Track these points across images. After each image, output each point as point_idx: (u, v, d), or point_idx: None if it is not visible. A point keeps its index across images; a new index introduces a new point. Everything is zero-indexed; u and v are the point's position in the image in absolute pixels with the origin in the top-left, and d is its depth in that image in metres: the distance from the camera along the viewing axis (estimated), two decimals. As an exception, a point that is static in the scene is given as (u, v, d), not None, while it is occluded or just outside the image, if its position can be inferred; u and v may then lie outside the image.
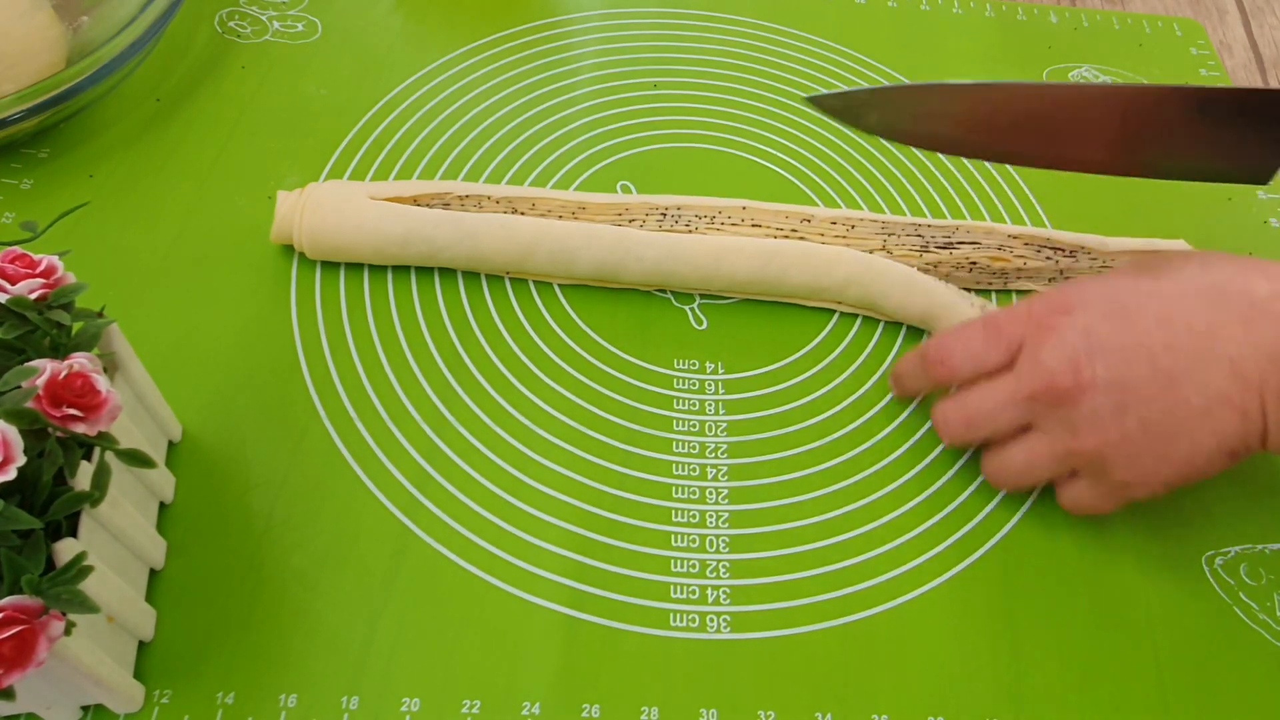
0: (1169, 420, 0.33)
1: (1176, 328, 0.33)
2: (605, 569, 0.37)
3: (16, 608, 0.25)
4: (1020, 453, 0.37)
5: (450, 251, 0.44)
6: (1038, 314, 0.35)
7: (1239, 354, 0.32)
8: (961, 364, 0.37)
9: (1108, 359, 0.34)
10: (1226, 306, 0.33)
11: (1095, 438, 0.34)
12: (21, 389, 0.27)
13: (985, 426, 0.37)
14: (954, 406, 0.38)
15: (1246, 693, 0.36)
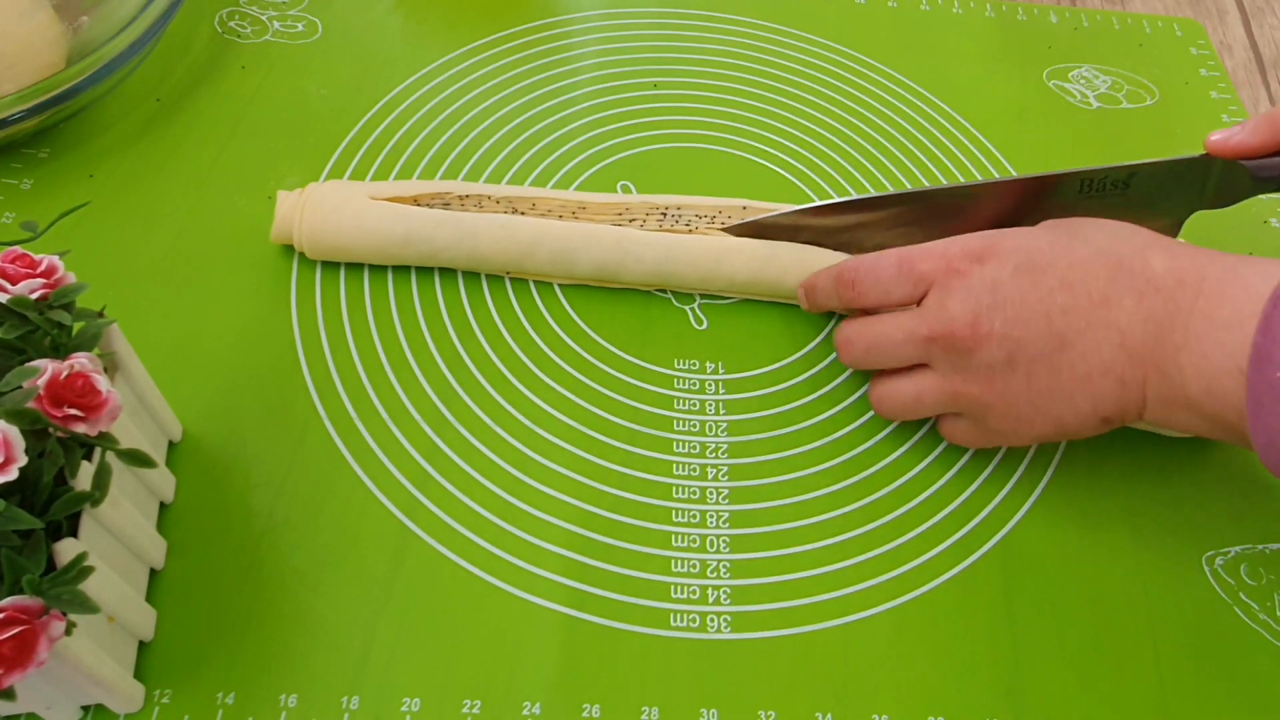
0: (1053, 380, 0.35)
1: (1077, 293, 0.34)
2: (605, 569, 0.37)
3: (17, 608, 0.25)
4: (911, 386, 0.38)
5: (450, 251, 0.44)
6: (952, 257, 0.36)
7: (1128, 326, 0.33)
8: (869, 290, 0.38)
9: (1007, 314, 0.35)
10: (1124, 278, 0.34)
11: (982, 386, 0.36)
12: (22, 389, 0.27)
13: (884, 356, 0.38)
14: (858, 331, 0.39)
15: (1246, 693, 0.36)
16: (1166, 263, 0.34)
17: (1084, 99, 0.56)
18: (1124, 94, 0.57)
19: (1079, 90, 0.57)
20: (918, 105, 0.55)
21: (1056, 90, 0.57)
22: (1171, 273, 0.34)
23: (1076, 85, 0.57)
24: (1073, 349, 0.34)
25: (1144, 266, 0.34)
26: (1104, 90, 0.57)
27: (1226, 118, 0.56)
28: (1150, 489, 0.41)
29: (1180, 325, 0.33)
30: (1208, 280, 0.33)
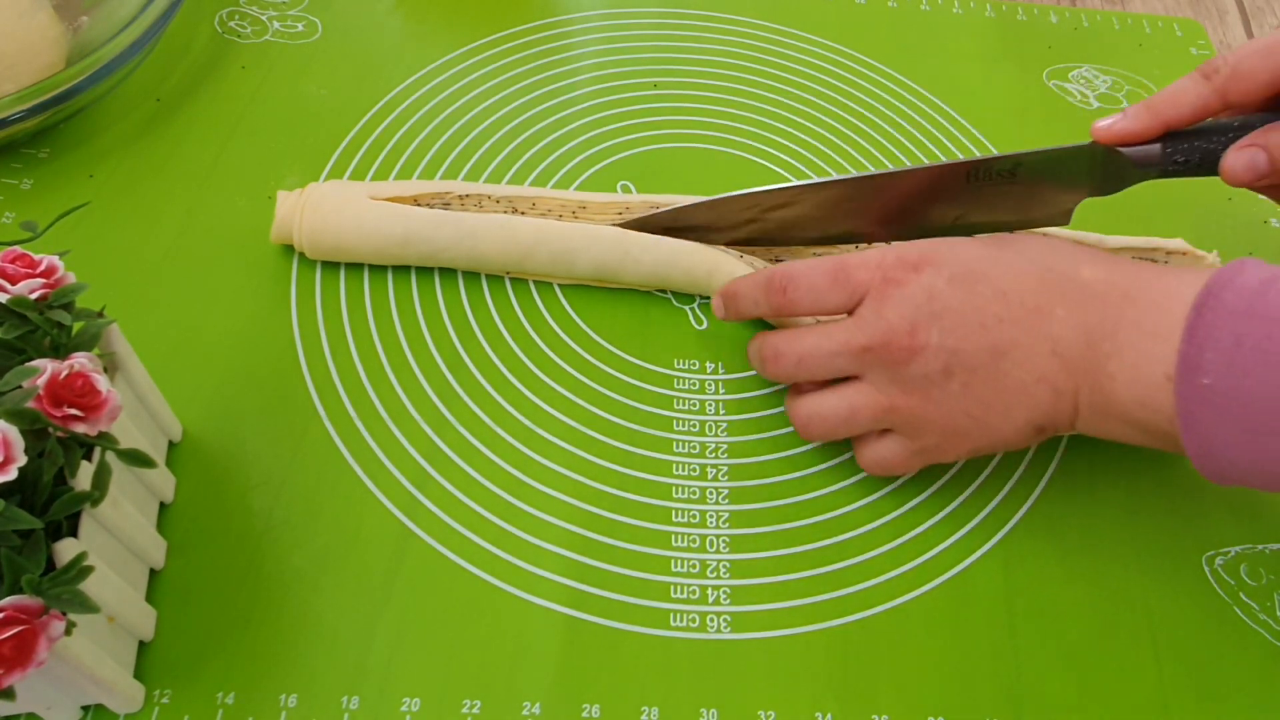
0: (989, 390, 0.35)
1: (1011, 302, 0.34)
2: (605, 569, 0.37)
3: (17, 608, 0.25)
4: (842, 403, 0.37)
5: (450, 252, 0.44)
6: (887, 266, 0.36)
7: (1061, 334, 0.34)
8: (802, 297, 0.37)
9: (944, 323, 0.35)
10: (1057, 287, 0.34)
11: (919, 398, 0.35)
12: (22, 389, 0.27)
13: (815, 368, 0.37)
14: (788, 343, 0.38)
15: (1246, 693, 0.36)
16: (1096, 272, 0.34)
17: (1084, 99, 0.56)
18: (1124, 94, 0.57)
19: (1079, 90, 0.57)
20: (918, 105, 0.55)
21: (1056, 90, 0.57)
22: (1101, 281, 0.34)
23: (1076, 85, 0.57)
24: (1008, 358, 0.34)
25: (1075, 275, 0.35)
26: (1104, 90, 0.57)
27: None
28: (1150, 489, 0.41)
29: (1110, 334, 0.33)
30: (1136, 289, 0.33)
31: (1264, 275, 0.31)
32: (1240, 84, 0.37)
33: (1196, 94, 0.38)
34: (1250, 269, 0.31)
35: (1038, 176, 0.40)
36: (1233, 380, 0.30)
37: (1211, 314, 0.30)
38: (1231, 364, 0.30)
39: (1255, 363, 0.29)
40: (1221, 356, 0.30)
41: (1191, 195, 0.51)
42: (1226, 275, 0.31)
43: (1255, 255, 0.49)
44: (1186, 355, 0.30)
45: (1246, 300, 0.30)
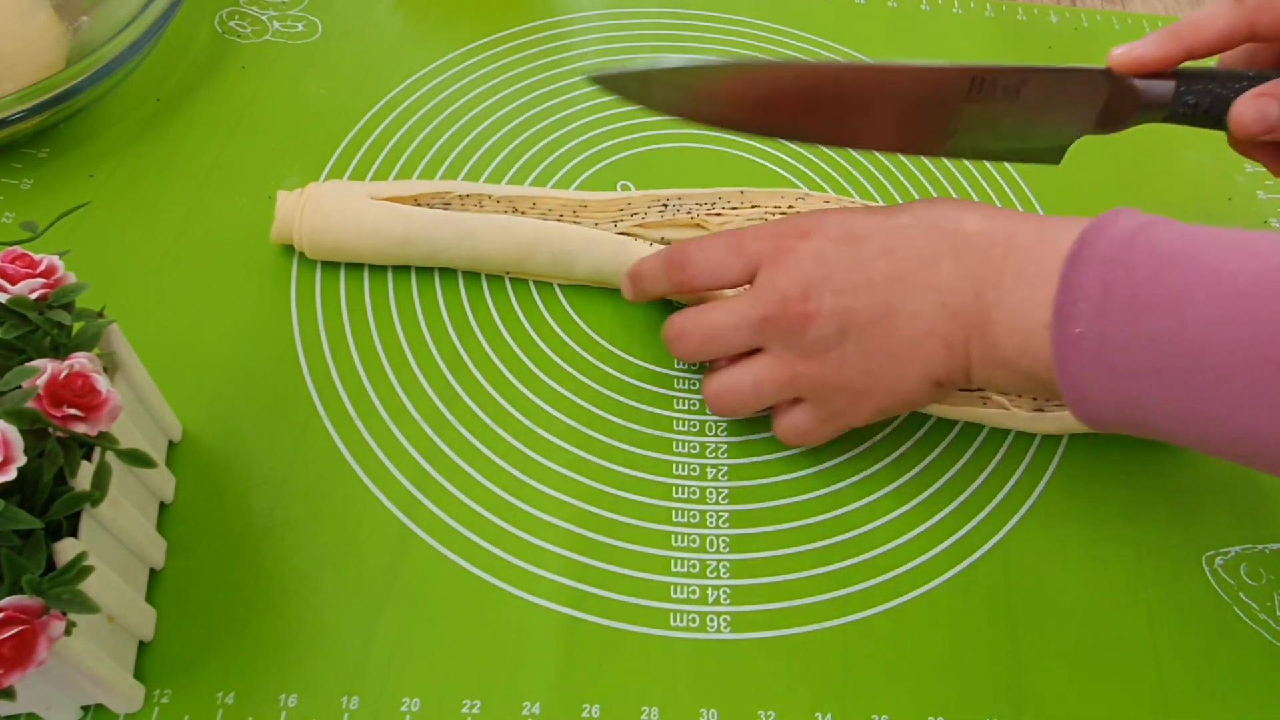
0: (883, 347, 0.35)
1: (898, 258, 0.35)
2: (605, 569, 0.37)
3: (17, 608, 0.25)
4: (747, 375, 0.38)
5: (450, 252, 0.44)
6: (780, 235, 0.37)
7: (948, 286, 0.34)
8: (700, 271, 0.38)
9: (836, 284, 0.35)
10: (941, 241, 0.35)
11: (819, 362, 0.36)
12: (22, 389, 0.27)
13: (720, 344, 0.38)
14: (692, 321, 0.38)
15: (1246, 693, 0.36)
16: (980, 223, 0.35)
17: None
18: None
19: (1079, 90, 0.57)
20: (918, 105, 0.55)
21: (1056, 90, 0.57)
22: (984, 233, 0.34)
23: (1076, 85, 0.57)
24: (899, 314, 0.35)
25: (958, 228, 0.35)
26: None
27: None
28: (1150, 489, 0.41)
29: (993, 283, 0.33)
30: (1017, 238, 0.34)
31: (1135, 223, 0.31)
32: (1268, 13, 0.36)
33: (1226, 19, 0.36)
34: (1123, 218, 0.32)
35: (1042, 97, 0.38)
36: (1101, 326, 0.30)
37: (1084, 262, 0.31)
38: (1101, 311, 0.30)
39: (1121, 309, 0.30)
40: (1092, 304, 0.30)
41: (1191, 194, 0.51)
42: (1100, 224, 0.32)
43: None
44: (1060, 303, 0.31)
45: (1116, 248, 0.31)
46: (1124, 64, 0.37)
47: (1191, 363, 0.29)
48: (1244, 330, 0.28)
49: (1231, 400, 0.29)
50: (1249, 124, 0.36)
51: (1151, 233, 0.31)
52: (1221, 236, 0.30)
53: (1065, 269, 0.31)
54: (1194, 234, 0.31)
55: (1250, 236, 0.30)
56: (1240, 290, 0.28)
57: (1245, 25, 0.36)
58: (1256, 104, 0.36)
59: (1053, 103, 0.39)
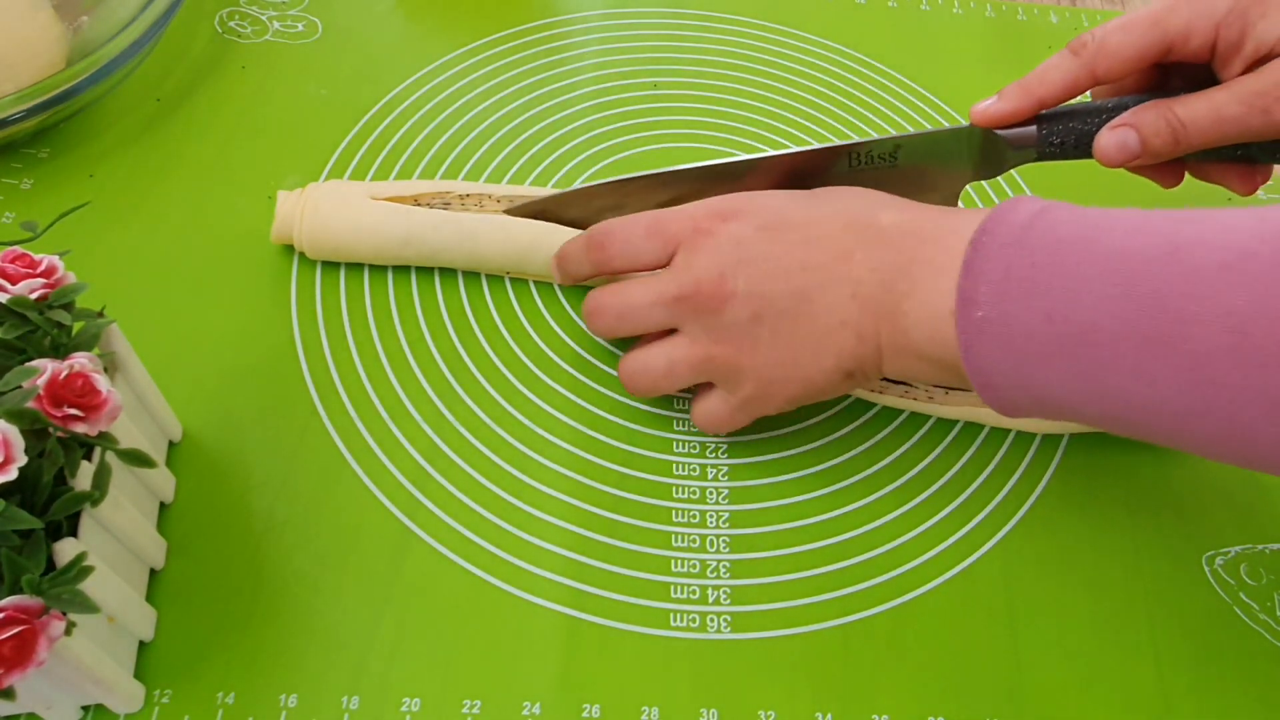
0: (797, 336, 0.35)
1: (815, 249, 0.35)
2: (605, 569, 0.37)
3: (17, 608, 0.25)
4: (662, 355, 0.38)
5: (450, 252, 0.44)
6: (699, 217, 0.37)
7: (860, 277, 0.35)
8: (618, 252, 0.38)
9: (751, 270, 0.35)
10: (857, 233, 0.35)
11: (732, 346, 0.36)
12: (22, 389, 0.27)
13: (635, 321, 0.38)
14: (609, 297, 0.38)
15: (1246, 693, 0.36)
16: (895, 217, 0.35)
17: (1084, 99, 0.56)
18: (1124, 94, 0.57)
19: (1079, 90, 0.57)
20: (918, 105, 0.55)
21: (1056, 90, 0.57)
22: (897, 226, 0.35)
23: (1076, 85, 0.57)
24: (814, 304, 0.35)
25: (873, 221, 0.36)
26: (1104, 90, 0.57)
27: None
28: (1150, 489, 0.41)
29: (904, 274, 0.34)
30: (927, 229, 0.34)
31: (1035, 208, 0.32)
32: (1105, 60, 0.38)
33: (1066, 70, 0.38)
34: (1024, 205, 0.33)
35: (919, 160, 0.41)
36: (1002, 308, 0.31)
37: (985, 248, 0.32)
38: (1001, 294, 0.31)
39: (1020, 292, 0.31)
40: (993, 289, 0.31)
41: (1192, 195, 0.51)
42: (1002, 211, 0.33)
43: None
44: (964, 289, 0.32)
45: (1016, 232, 0.32)
46: (984, 120, 0.39)
47: (1084, 338, 0.30)
48: (1131, 304, 0.29)
49: (1122, 373, 0.29)
50: (1112, 155, 0.38)
51: (1050, 216, 0.32)
52: (1118, 216, 0.31)
53: (968, 255, 0.32)
54: (1092, 215, 0.31)
55: (1146, 215, 0.31)
56: (1129, 266, 0.29)
57: (1086, 74, 0.38)
58: (1116, 135, 0.38)
59: (930, 163, 0.41)
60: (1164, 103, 0.37)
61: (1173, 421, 0.29)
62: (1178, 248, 0.29)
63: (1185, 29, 0.37)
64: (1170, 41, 0.37)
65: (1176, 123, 0.37)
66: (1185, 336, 0.28)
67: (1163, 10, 0.37)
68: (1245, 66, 0.37)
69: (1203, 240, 0.29)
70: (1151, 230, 0.30)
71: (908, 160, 0.40)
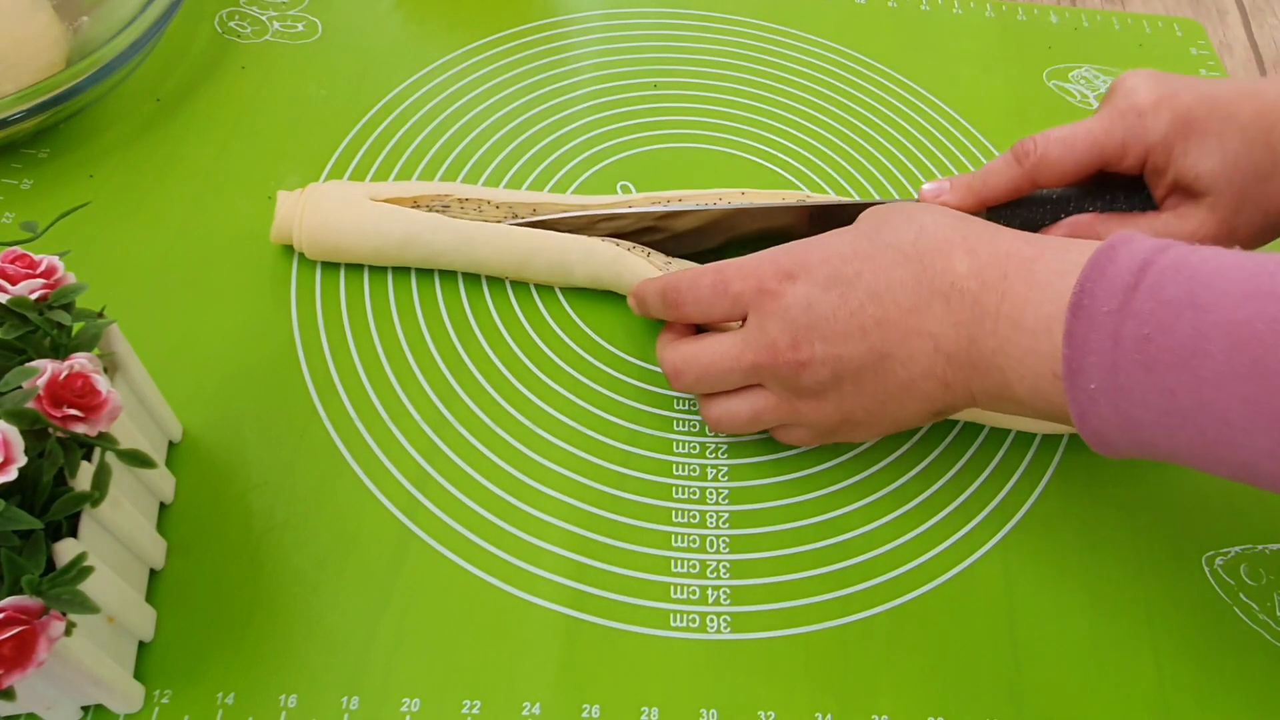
0: (880, 389, 0.36)
1: (886, 303, 0.35)
2: (605, 569, 0.37)
3: (17, 608, 0.25)
4: (746, 406, 0.38)
5: (448, 256, 0.44)
6: (764, 277, 0.37)
7: (940, 332, 0.34)
8: (691, 311, 0.38)
9: (825, 333, 0.35)
10: (930, 283, 0.34)
11: (816, 401, 0.37)
12: (22, 389, 0.27)
13: (716, 383, 0.38)
14: (686, 361, 0.38)
15: (1246, 692, 0.36)
16: (969, 263, 0.34)
17: (1084, 99, 0.56)
18: (1124, 94, 0.57)
19: (1079, 90, 0.57)
20: (918, 105, 0.55)
21: (1056, 90, 0.57)
22: (974, 274, 0.34)
23: (1077, 85, 0.57)
24: (893, 358, 0.35)
25: (947, 268, 0.34)
26: (1104, 90, 0.57)
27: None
28: (1150, 489, 0.41)
29: (990, 330, 0.33)
30: (1009, 280, 0.33)
31: (1135, 263, 0.30)
32: (1046, 171, 0.40)
33: (1009, 176, 0.41)
34: (1121, 258, 0.30)
35: None
36: (1115, 381, 0.30)
37: (1087, 315, 0.30)
38: (1112, 366, 0.30)
39: (1133, 364, 0.29)
40: (1102, 359, 0.30)
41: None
42: (1098, 265, 0.31)
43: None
44: (1070, 360, 0.30)
45: (1120, 296, 0.30)
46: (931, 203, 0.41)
47: (1209, 416, 0.28)
48: (1262, 385, 0.27)
49: (1257, 451, 0.28)
50: None
51: (1155, 275, 0.30)
52: (1229, 273, 0.29)
53: (1069, 322, 0.30)
54: (1201, 268, 0.29)
55: (1262, 268, 0.29)
56: (1254, 340, 0.27)
57: (1028, 182, 0.41)
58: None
59: None
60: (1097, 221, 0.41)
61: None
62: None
63: (1120, 150, 0.40)
64: (1106, 159, 0.40)
65: None
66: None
67: (1101, 130, 0.40)
68: (1167, 190, 0.40)
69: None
70: (1272, 292, 0.28)
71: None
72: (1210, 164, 0.38)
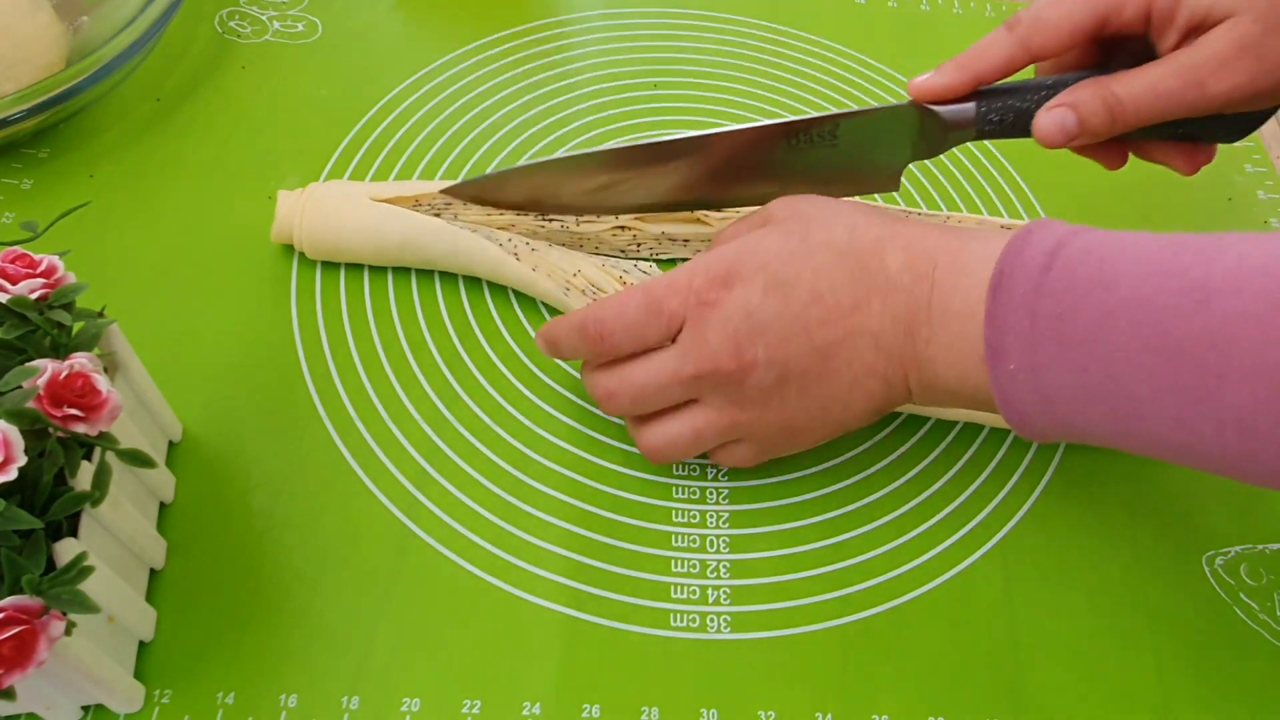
0: (824, 389, 0.35)
1: (828, 303, 0.34)
2: (605, 569, 0.37)
3: (17, 608, 0.25)
4: (685, 427, 0.37)
5: (445, 261, 0.44)
6: (698, 288, 0.35)
7: (880, 327, 0.34)
8: (622, 340, 0.36)
9: (768, 337, 0.35)
10: (867, 280, 0.34)
11: (759, 410, 0.36)
12: (22, 389, 0.27)
13: (652, 402, 0.37)
14: (619, 381, 0.37)
15: (1246, 693, 0.36)
16: (902, 258, 0.34)
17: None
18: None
19: (1079, 90, 0.57)
20: (918, 105, 0.55)
21: (1056, 90, 0.57)
22: (907, 268, 0.34)
23: (1076, 85, 0.57)
24: (836, 358, 0.35)
25: (881, 265, 0.34)
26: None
27: (1226, 118, 0.56)
28: (1150, 489, 0.41)
29: (923, 320, 0.33)
30: (939, 269, 0.34)
31: (1049, 244, 0.31)
32: (1040, 34, 0.37)
33: (1001, 46, 0.37)
34: (1035, 239, 0.31)
35: (859, 138, 0.40)
36: (1033, 359, 0.31)
37: (1004, 295, 0.31)
38: (1030, 344, 0.31)
39: (1049, 341, 0.30)
40: (1020, 340, 0.31)
41: (1191, 194, 0.51)
42: (1014, 250, 0.32)
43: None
44: (990, 340, 0.31)
45: (1035, 277, 0.31)
46: (920, 94, 0.39)
47: (1120, 390, 0.29)
48: (1165, 358, 0.28)
49: (1163, 422, 0.29)
50: (1051, 136, 0.37)
51: (1066, 256, 0.31)
52: (1135, 252, 0.30)
53: (989, 304, 0.31)
54: (1108, 250, 0.30)
55: (1165, 248, 0.30)
56: (1158, 317, 0.28)
57: (1022, 50, 0.37)
58: (1054, 116, 0.37)
59: (870, 140, 0.40)
60: (1101, 80, 0.36)
61: (1219, 463, 0.29)
62: (1209, 297, 0.28)
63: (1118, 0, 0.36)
64: (1104, 13, 0.36)
65: (1114, 100, 0.36)
66: (1225, 391, 0.27)
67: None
68: (1180, 38, 0.36)
69: (1235, 288, 0.28)
70: (1175, 269, 0.29)
71: (848, 139, 0.40)
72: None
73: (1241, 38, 0.35)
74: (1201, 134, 0.39)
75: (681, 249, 0.46)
